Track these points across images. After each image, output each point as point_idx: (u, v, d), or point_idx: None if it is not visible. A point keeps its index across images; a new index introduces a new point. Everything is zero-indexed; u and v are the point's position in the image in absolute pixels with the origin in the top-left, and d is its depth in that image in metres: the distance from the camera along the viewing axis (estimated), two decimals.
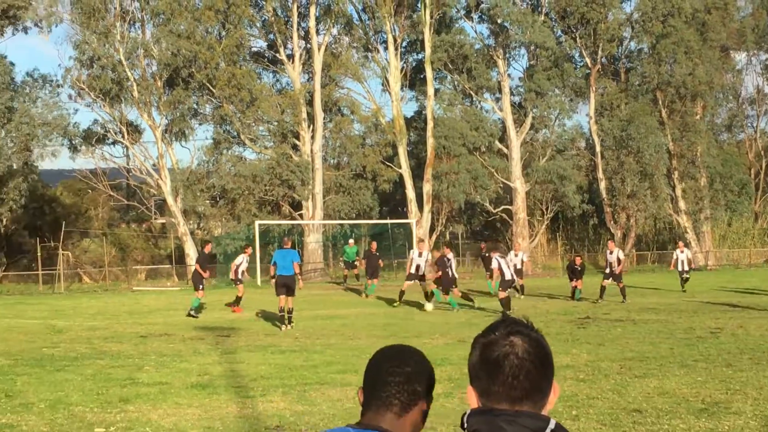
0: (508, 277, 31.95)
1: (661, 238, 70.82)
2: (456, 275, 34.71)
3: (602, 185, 64.08)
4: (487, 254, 43.48)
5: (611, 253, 37.04)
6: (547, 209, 66.10)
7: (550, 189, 64.55)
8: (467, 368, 3.06)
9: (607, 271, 36.99)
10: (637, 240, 66.60)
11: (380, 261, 44.06)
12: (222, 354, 20.98)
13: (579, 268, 37.63)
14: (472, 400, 3.00)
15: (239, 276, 34.98)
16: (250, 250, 37.33)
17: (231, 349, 21.77)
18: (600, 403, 14.02)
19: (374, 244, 43.73)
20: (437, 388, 12.73)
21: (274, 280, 27.99)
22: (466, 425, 2.94)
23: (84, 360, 20.23)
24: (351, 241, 49.47)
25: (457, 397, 14.60)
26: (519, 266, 38.18)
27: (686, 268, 42.40)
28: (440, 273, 33.73)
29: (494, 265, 33.06)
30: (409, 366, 3.34)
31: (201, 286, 32.95)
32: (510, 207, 64.52)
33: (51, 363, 19.79)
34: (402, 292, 35.27)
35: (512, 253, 40.29)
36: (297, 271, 27.83)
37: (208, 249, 35.64)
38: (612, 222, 63.82)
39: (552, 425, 2.87)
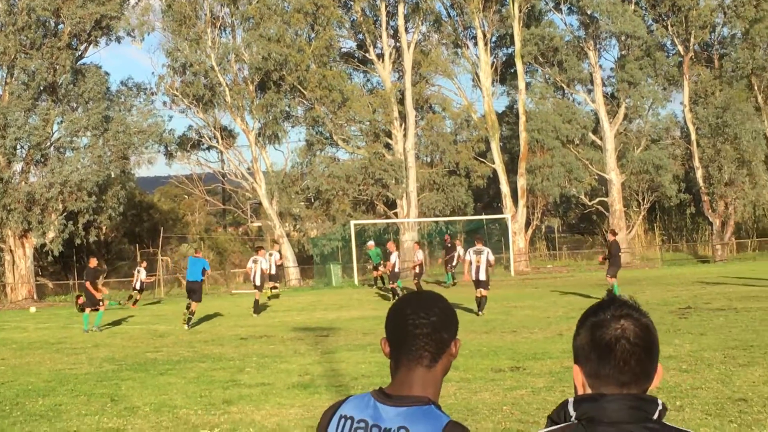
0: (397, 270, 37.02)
1: (761, 225, 69.60)
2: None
3: (699, 174, 63.02)
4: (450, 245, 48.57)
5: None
6: (643, 200, 65.33)
7: (646, 179, 63.71)
8: (573, 347, 3.06)
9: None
10: (737, 228, 65.47)
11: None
12: (322, 354, 21.08)
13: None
14: (578, 379, 3.02)
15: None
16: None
17: (331, 349, 21.85)
18: (704, 393, 13.86)
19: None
20: (538, 382, 12.66)
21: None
22: (573, 413, 2.93)
23: (186, 363, 20.47)
24: (371, 243, 47.41)
25: (558, 390, 14.48)
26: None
27: None
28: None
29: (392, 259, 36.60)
30: (434, 315, 3.32)
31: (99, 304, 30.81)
32: (605, 199, 63.91)
33: (154, 367, 20.07)
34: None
35: None
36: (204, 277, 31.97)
37: (93, 264, 31.60)
38: (710, 210, 62.83)
39: (660, 406, 2.91)
